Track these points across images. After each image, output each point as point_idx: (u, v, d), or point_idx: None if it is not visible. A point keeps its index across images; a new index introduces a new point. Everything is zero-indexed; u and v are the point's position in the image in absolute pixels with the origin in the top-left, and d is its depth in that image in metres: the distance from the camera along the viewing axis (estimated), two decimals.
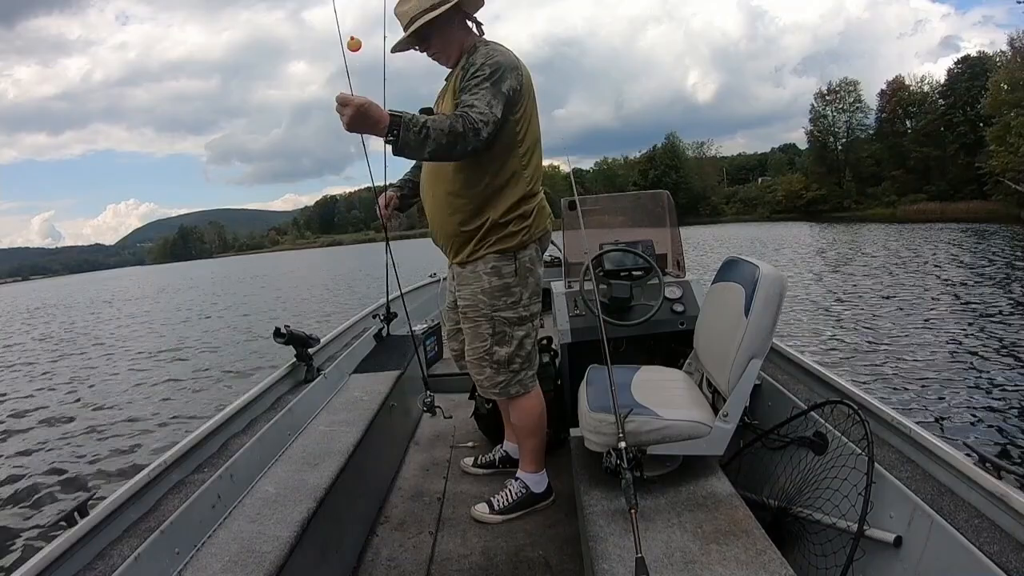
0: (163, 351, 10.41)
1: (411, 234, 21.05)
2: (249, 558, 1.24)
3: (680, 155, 68.19)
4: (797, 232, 29.78)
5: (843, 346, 6.45)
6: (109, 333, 14.21)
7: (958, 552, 1.13)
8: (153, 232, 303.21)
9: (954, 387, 4.89)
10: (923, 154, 42.61)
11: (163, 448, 2.27)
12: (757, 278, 1.49)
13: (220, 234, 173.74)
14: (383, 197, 1.98)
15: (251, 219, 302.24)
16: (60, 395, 7.70)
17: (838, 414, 1.64)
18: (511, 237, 1.75)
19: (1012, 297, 8.48)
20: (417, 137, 1.43)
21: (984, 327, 6.80)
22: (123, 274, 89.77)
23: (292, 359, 2.48)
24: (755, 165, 78.93)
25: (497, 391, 1.85)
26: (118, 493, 1.42)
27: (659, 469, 1.54)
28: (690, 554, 1.22)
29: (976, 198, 33.74)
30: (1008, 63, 30.36)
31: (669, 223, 2.83)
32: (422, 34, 1.70)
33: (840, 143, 51.78)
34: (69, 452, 5.30)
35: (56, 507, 4.11)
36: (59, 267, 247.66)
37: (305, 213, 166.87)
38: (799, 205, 50.59)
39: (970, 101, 38.47)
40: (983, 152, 31.16)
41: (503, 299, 1.76)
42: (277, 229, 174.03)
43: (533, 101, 1.77)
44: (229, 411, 1.96)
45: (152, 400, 6.95)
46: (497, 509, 1.93)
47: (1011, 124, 26.54)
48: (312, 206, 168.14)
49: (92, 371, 9.22)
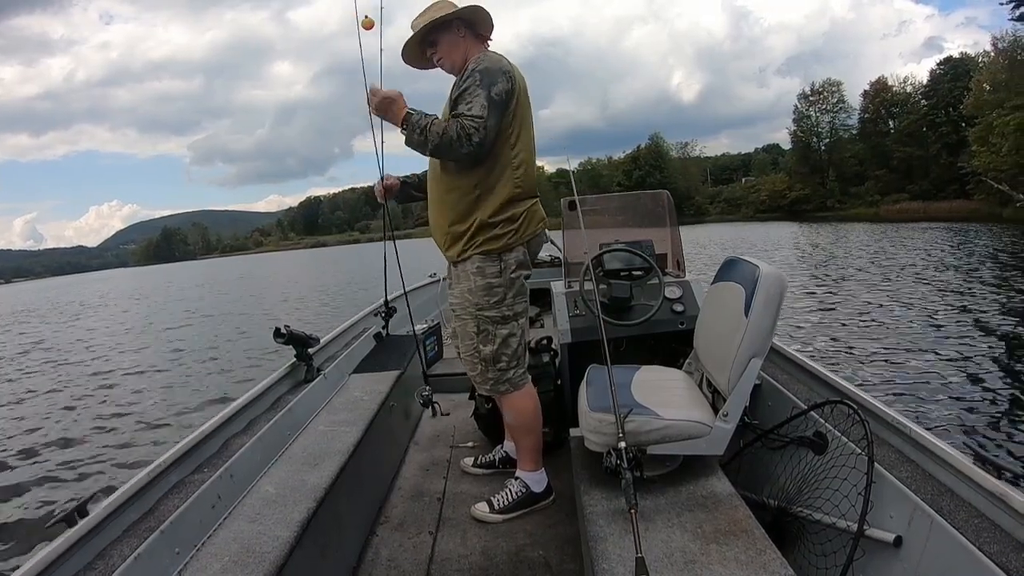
0: (162, 351, 10.41)
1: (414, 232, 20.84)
2: (249, 558, 1.24)
3: (664, 155, 68.77)
4: (785, 232, 29.86)
5: (842, 346, 6.45)
6: (109, 333, 14.21)
7: (958, 552, 1.13)
8: (136, 234, 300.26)
9: (954, 387, 4.89)
10: (906, 154, 43.07)
11: (163, 448, 2.27)
12: (757, 278, 1.50)
13: (204, 235, 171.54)
14: (380, 184, 2.02)
15: (234, 220, 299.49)
16: (59, 395, 7.69)
17: (838, 414, 1.65)
18: (497, 239, 1.78)
19: (1010, 297, 8.49)
20: (418, 137, 1.66)
21: (982, 327, 6.80)
22: (107, 276, 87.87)
23: (292, 359, 2.48)
24: (739, 165, 79.60)
25: (488, 388, 1.89)
26: (118, 493, 1.42)
27: (659, 469, 1.54)
28: (690, 554, 1.22)
29: (958, 197, 34.14)
30: (991, 64, 30.66)
31: (669, 223, 2.84)
32: (430, 38, 1.82)
33: (823, 143, 52.44)
34: (69, 452, 5.30)
35: (56, 507, 4.11)
36: (42, 269, 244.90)
37: (289, 214, 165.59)
38: (783, 205, 51.06)
39: (952, 102, 39.03)
40: (965, 152, 31.54)
41: (486, 298, 1.80)
42: (261, 230, 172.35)
43: (527, 106, 1.82)
44: (229, 411, 1.96)
45: (152, 400, 6.95)
46: (497, 508, 1.93)
47: (993, 124, 26.80)
48: (296, 207, 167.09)
49: (92, 371, 9.22)
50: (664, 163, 66.71)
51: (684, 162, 71.59)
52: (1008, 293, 8.77)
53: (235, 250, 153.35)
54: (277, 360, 3.76)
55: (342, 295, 16.93)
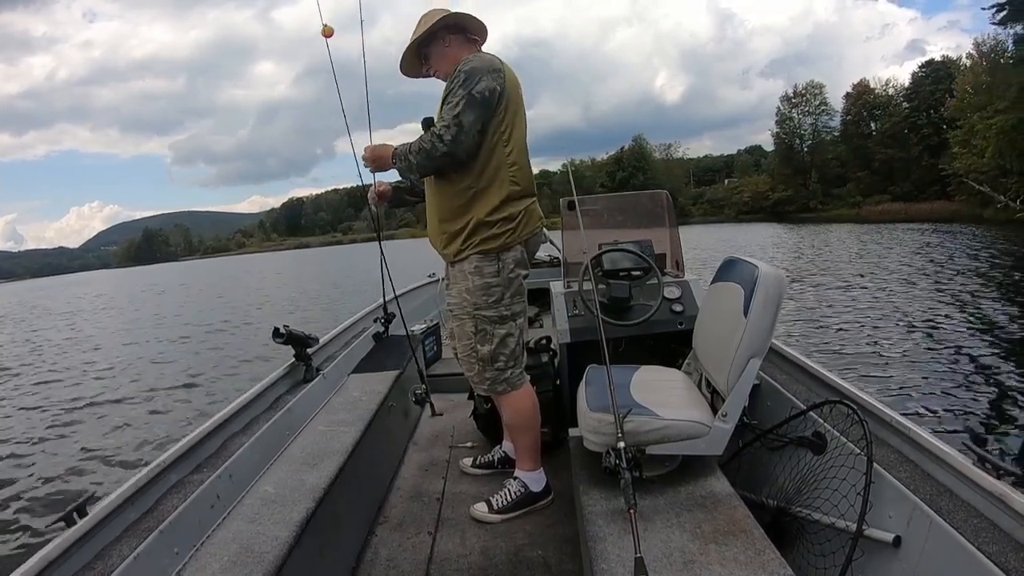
0: (162, 352, 10.40)
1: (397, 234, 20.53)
2: (248, 558, 1.24)
3: (647, 157, 69.16)
4: (771, 232, 29.89)
5: (842, 346, 6.45)
6: (107, 335, 14.18)
7: (957, 552, 1.13)
8: (117, 235, 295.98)
9: (953, 387, 4.89)
10: (887, 156, 43.49)
11: (162, 448, 2.26)
12: (756, 278, 1.50)
13: (185, 236, 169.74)
14: (373, 189, 2.04)
15: (216, 221, 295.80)
16: (59, 397, 7.68)
17: (837, 414, 1.65)
18: (494, 239, 1.78)
19: (1010, 297, 8.50)
20: (405, 164, 1.77)
21: (982, 327, 6.81)
22: (89, 278, 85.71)
23: (291, 359, 2.48)
24: (721, 166, 79.91)
25: (485, 388, 1.89)
26: (117, 493, 1.41)
27: (658, 469, 1.54)
28: (689, 554, 1.22)
29: (939, 199, 34.51)
30: (974, 66, 30.98)
31: (668, 223, 2.84)
32: (422, 51, 1.88)
33: (806, 145, 52.89)
34: (68, 452, 5.29)
35: (55, 507, 4.10)
36: (22, 271, 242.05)
37: (272, 215, 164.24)
38: (765, 206, 51.36)
39: (934, 104, 39.58)
40: (947, 154, 31.96)
41: (484, 298, 1.80)
42: (243, 231, 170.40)
43: (520, 105, 1.83)
44: (228, 411, 1.96)
45: (151, 400, 6.94)
46: (496, 508, 1.93)
47: (975, 127, 27.16)
48: (279, 208, 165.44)
49: (91, 372, 9.21)
50: (647, 164, 67.16)
51: (667, 163, 72.04)
52: (1008, 293, 8.77)
53: (217, 251, 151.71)
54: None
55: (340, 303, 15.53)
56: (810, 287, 10.71)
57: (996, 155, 25.72)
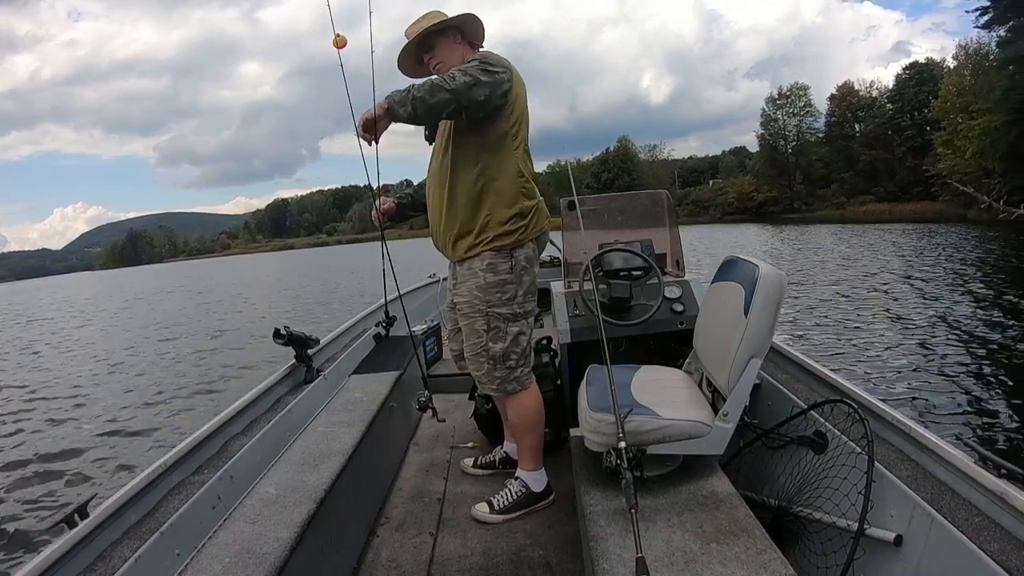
0: (161, 352, 10.40)
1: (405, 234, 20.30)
2: (249, 559, 1.24)
3: (633, 158, 69.02)
4: (758, 233, 29.90)
5: (842, 345, 6.45)
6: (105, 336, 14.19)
7: (958, 551, 1.13)
8: (101, 236, 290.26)
9: (954, 386, 4.89)
10: (871, 157, 43.63)
11: (163, 449, 2.26)
12: (757, 277, 1.50)
13: (170, 238, 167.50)
14: (377, 206, 2.04)
15: (201, 222, 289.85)
16: (59, 397, 7.68)
17: (838, 413, 1.65)
18: (508, 235, 1.78)
19: (1009, 297, 8.49)
20: (408, 107, 1.60)
21: (982, 327, 6.81)
22: (74, 280, 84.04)
23: (292, 360, 2.48)
24: (707, 167, 79.66)
25: (494, 387, 1.88)
26: (118, 494, 1.41)
27: (659, 469, 1.54)
28: (690, 554, 1.22)
29: (923, 199, 34.64)
30: (957, 69, 31.23)
31: (668, 223, 2.83)
32: (427, 43, 1.85)
33: (790, 146, 53.01)
34: (69, 454, 5.29)
35: (56, 509, 4.10)
36: (5, 273, 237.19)
37: (256, 216, 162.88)
38: (750, 207, 51.29)
39: (918, 106, 39.88)
40: (930, 155, 32.14)
41: (497, 295, 1.79)
42: (228, 233, 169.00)
43: (526, 105, 1.84)
44: (229, 412, 1.96)
45: (151, 401, 6.94)
46: (497, 509, 1.93)
47: (959, 128, 27.27)
48: (264, 209, 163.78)
49: (90, 372, 9.21)
50: (633, 165, 66.96)
51: (652, 164, 71.93)
52: (1008, 293, 8.76)
53: (202, 252, 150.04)
54: None
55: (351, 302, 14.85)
56: (796, 286, 10.71)
57: (978, 155, 25.88)
